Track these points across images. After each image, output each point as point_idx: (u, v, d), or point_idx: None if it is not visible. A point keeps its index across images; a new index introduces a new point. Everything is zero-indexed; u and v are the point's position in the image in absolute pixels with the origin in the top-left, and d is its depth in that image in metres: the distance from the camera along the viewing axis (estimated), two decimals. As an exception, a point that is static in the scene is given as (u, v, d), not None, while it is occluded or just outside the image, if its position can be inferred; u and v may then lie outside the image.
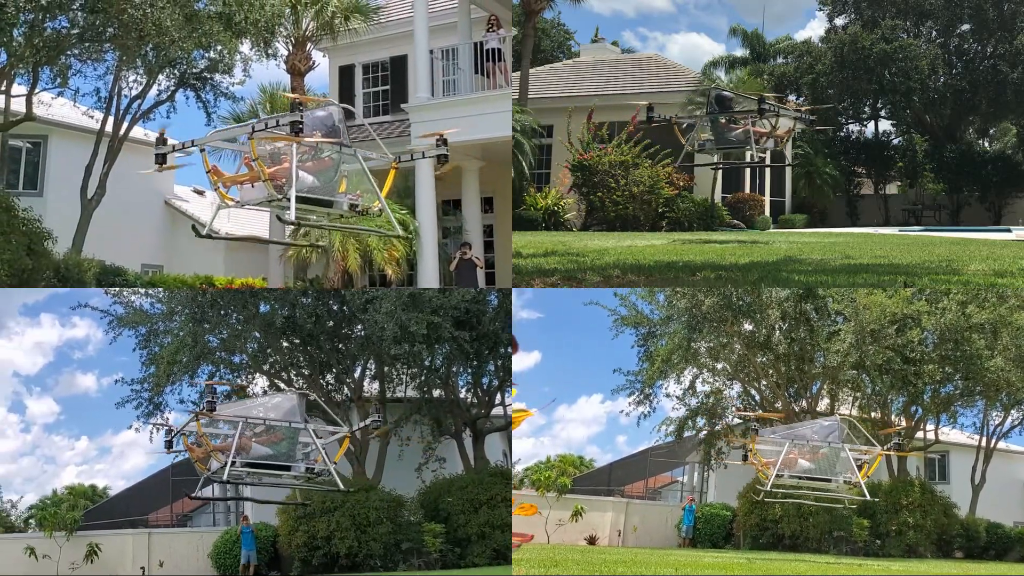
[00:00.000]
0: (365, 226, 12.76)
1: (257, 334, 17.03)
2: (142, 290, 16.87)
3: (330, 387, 18.06)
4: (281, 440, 11.13)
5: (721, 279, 13.84)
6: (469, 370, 18.82)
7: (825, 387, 20.51)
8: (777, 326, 19.57)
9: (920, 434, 21.14)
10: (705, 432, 20.92)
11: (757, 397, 21.08)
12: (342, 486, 11.38)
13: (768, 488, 13.32)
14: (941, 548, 19.79)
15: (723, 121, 15.30)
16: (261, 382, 17.92)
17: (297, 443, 11.17)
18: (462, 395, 19.12)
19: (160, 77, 22.22)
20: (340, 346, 17.69)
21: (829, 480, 13.38)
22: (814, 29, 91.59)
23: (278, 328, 16.66)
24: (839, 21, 38.92)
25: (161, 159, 10.91)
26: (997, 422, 21.97)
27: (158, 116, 23.04)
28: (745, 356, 20.20)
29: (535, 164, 28.57)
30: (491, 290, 20.08)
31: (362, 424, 11.98)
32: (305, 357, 17.67)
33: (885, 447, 14.37)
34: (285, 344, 17.46)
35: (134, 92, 22.18)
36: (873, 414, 20.50)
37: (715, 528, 20.47)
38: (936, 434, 21.50)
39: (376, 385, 18.51)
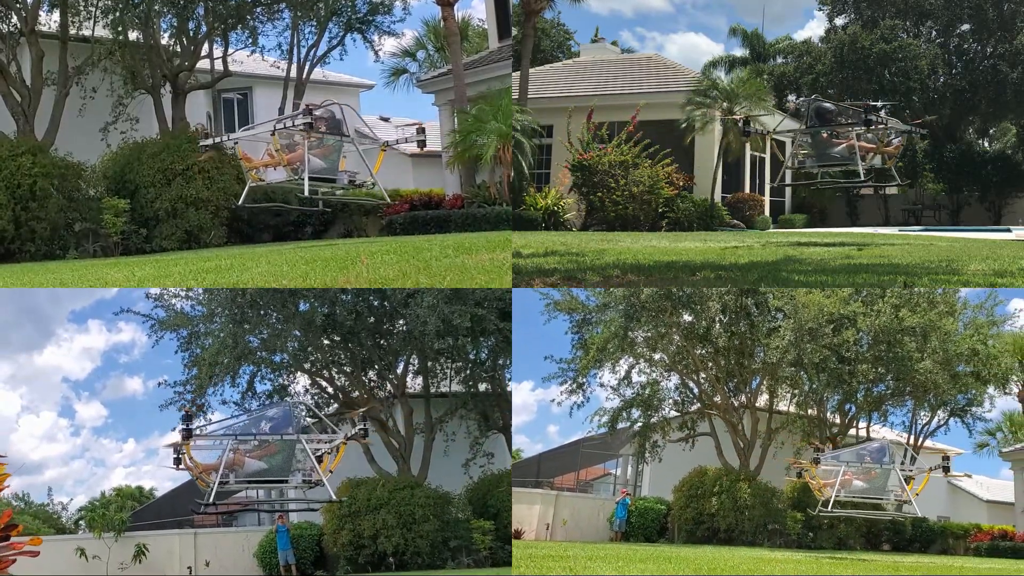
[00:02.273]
0: (360, 197, 18.20)
1: (297, 333, 16.84)
2: (183, 293, 16.93)
3: (373, 383, 17.95)
4: (276, 453, 10.96)
5: (721, 279, 13.82)
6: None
7: (764, 383, 20.53)
8: (717, 319, 19.27)
9: (852, 431, 21.89)
10: (640, 424, 20.54)
11: (695, 390, 20.82)
12: (334, 497, 11.18)
13: (830, 509, 14.51)
14: (870, 541, 20.43)
15: (824, 135, 14.25)
16: (303, 380, 17.89)
17: (293, 455, 10.98)
18: (509, 388, 18.67)
19: (329, 25, 26.67)
20: (382, 342, 17.47)
21: (881, 498, 14.42)
22: (813, 29, 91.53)
23: (318, 326, 16.53)
24: (839, 21, 38.93)
25: (206, 148, 18.92)
26: (924, 422, 22.75)
27: (332, 59, 27.94)
28: (684, 348, 19.83)
29: (535, 164, 28.58)
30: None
31: (350, 434, 11.87)
32: (346, 354, 17.48)
33: (932, 467, 15.21)
34: (326, 342, 17.30)
35: (310, 42, 26.87)
36: (810, 411, 20.89)
37: (649, 522, 20.24)
38: (868, 431, 22.23)
39: (420, 380, 18.33)
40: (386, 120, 36.51)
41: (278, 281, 11.30)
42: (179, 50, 25.43)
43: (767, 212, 32.27)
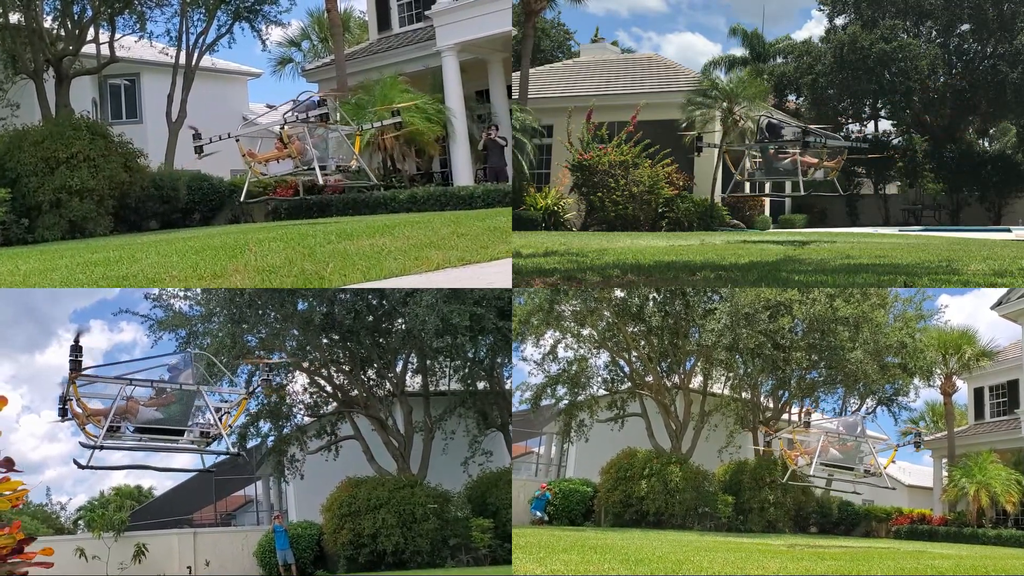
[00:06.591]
0: (352, 181, 20.02)
1: (296, 331, 16.87)
2: (181, 293, 16.83)
3: (372, 382, 17.93)
4: (173, 403, 10.37)
5: (721, 279, 13.82)
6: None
7: (699, 365, 20.40)
8: (652, 297, 19.03)
9: (785, 416, 22.19)
10: (566, 402, 20.21)
11: (626, 369, 20.52)
12: (234, 450, 10.78)
13: (812, 473, 15.38)
14: (798, 524, 20.74)
15: (771, 151, 15.17)
16: (301, 379, 17.91)
17: (192, 407, 10.41)
18: (507, 386, 18.67)
19: (218, 13, 26.91)
20: (381, 341, 17.45)
21: (852, 468, 15.16)
22: (811, 29, 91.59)
23: (317, 325, 16.54)
24: (839, 21, 38.88)
25: (199, 150, 17.10)
26: (854, 409, 23.29)
27: (221, 47, 28.11)
28: (615, 324, 19.47)
29: (535, 164, 28.57)
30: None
31: (253, 387, 11.70)
32: (345, 353, 17.52)
33: (903, 443, 16.08)
34: (324, 341, 17.29)
35: (199, 29, 27.06)
36: (744, 394, 20.99)
37: (574, 504, 19.93)
38: (800, 417, 22.72)
39: (419, 379, 18.33)
40: (272, 108, 36.61)
41: (168, 272, 11.33)
42: (63, 34, 24.75)
43: (767, 212, 32.26)
